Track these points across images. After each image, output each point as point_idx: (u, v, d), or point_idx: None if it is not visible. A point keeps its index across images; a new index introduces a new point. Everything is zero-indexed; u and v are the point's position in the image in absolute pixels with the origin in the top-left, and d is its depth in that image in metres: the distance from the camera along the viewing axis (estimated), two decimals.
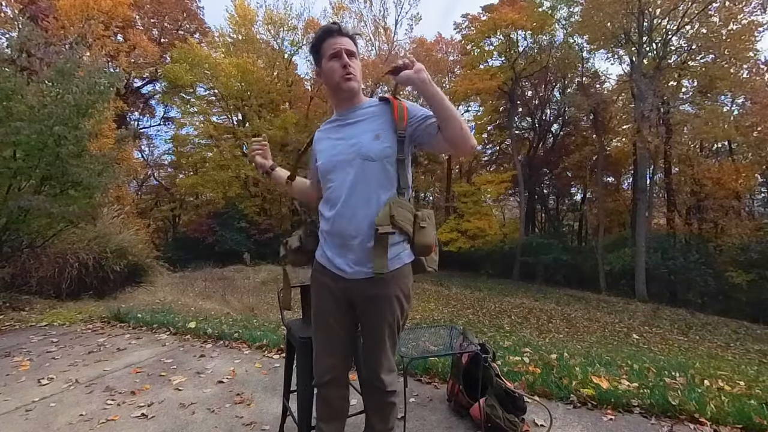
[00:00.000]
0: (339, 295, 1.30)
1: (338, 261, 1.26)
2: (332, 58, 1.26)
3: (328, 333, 1.34)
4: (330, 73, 1.28)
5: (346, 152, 1.26)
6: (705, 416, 1.87)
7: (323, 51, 1.28)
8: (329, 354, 1.35)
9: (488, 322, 11.64)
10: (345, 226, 1.23)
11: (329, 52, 1.26)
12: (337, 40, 1.27)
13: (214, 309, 7.74)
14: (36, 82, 4.83)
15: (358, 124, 1.30)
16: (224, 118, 24.01)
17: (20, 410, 2.19)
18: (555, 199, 25.77)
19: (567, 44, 19.77)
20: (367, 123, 1.29)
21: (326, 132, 1.37)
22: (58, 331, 3.89)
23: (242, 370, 2.74)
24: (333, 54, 1.26)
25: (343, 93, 1.30)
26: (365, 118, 1.30)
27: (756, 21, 14.87)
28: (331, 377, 1.35)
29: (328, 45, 1.27)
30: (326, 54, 1.27)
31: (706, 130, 15.06)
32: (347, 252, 1.24)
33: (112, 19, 17.36)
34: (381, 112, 1.30)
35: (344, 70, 1.26)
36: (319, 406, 1.41)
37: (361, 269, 1.23)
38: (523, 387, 2.20)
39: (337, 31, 1.28)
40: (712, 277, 14.63)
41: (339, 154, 1.28)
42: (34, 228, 5.43)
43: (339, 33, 1.27)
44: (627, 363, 3.04)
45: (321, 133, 1.39)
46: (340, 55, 1.26)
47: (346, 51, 1.26)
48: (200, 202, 24.43)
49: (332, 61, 1.26)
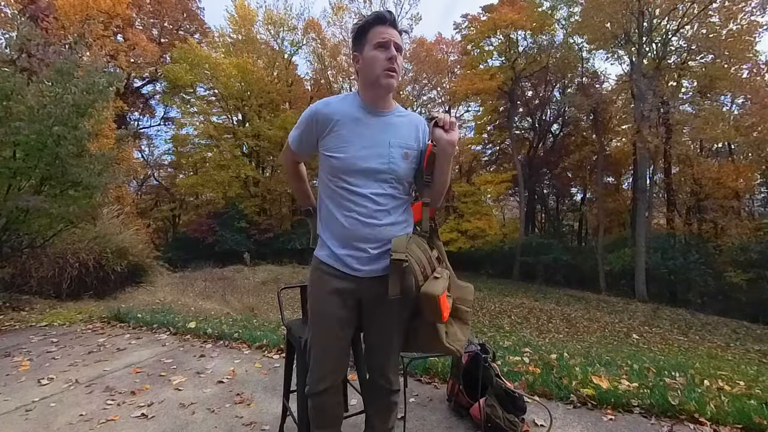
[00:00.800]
0: (347, 296, 1.25)
1: (350, 260, 1.22)
2: (379, 47, 1.18)
3: (330, 337, 1.28)
4: (372, 62, 1.19)
5: (378, 161, 1.20)
6: (705, 416, 1.87)
7: (369, 37, 1.19)
8: (330, 360, 1.30)
9: (488, 322, 11.64)
10: (365, 234, 1.20)
11: (377, 39, 1.17)
12: (388, 30, 1.18)
13: (214, 309, 7.74)
14: (35, 82, 4.83)
15: (389, 128, 1.24)
16: (224, 118, 24.01)
17: (20, 410, 2.19)
18: (555, 199, 25.76)
19: (567, 44, 19.76)
20: (398, 131, 1.24)
21: (353, 117, 1.23)
22: (58, 331, 3.89)
23: (242, 370, 2.74)
24: (381, 43, 1.17)
25: (380, 89, 1.21)
26: (396, 125, 1.25)
27: (756, 21, 14.88)
28: (329, 384, 1.31)
29: (377, 32, 1.18)
30: (373, 41, 1.18)
31: (706, 130, 15.06)
32: (360, 252, 1.21)
33: (112, 19, 17.36)
34: (411, 128, 1.27)
35: (388, 63, 1.18)
36: (316, 414, 1.36)
37: (376, 267, 1.21)
38: (523, 387, 2.20)
39: (390, 21, 1.19)
40: (712, 277, 14.62)
41: (365, 158, 1.19)
42: (34, 228, 5.43)
43: (392, 24, 1.20)
44: (627, 363, 3.04)
45: (344, 113, 1.23)
46: (388, 46, 1.18)
47: (395, 44, 1.19)
48: (200, 202, 24.44)
49: (378, 50, 1.18)
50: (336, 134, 1.21)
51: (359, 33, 1.21)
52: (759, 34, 15.05)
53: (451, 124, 1.16)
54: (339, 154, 1.20)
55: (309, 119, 1.25)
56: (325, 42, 23.72)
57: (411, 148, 1.25)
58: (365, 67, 1.21)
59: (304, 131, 1.28)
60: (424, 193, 1.28)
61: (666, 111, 15.96)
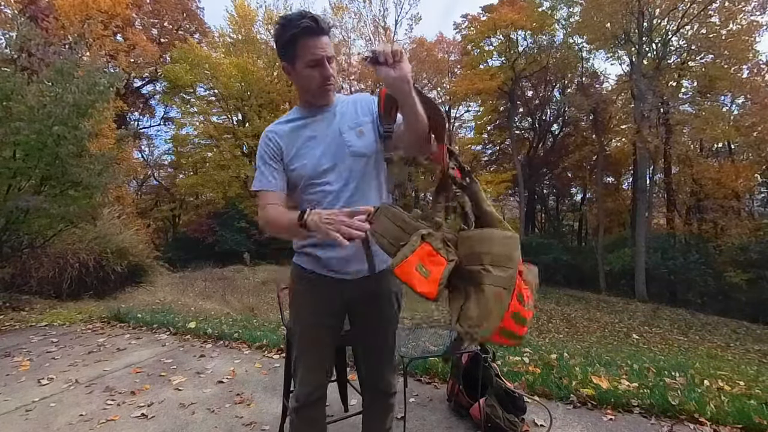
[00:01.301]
0: (337, 301, 1.21)
1: (333, 262, 1.17)
2: (312, 65, 1.08)
3: (319, 346, 1.24)
4: (308, 81, 1.12)
5: (333, 151, 1.15)
6: (705, 416, 1.87)
7: (300, 52, 1.08)
8: (319, 369, 1.25)
9: None
10: None
11: (308, 57, 1.07)
12: (318, 43, 1.06)
13: (214, 309, 7.74)
14: (36, 82, 4.83)
15: (335, 118, 1.19)
16: (224, 118, 24.00)
17: (20, 410, 2.19)
18: (555, 199, 25.77)
19: (567, 44, 19.76)
20: (344, 117, 1.19)
21: (292, 131, 1.19)
22: (58, 331, 3.89)
23: (242, 370, 2.74)
24: (314, 61, 1.08)
25: (320, 99, 1.17)
26: (341, 113, 1.20)
27: (756, 21, 14.89)
28: (319, 395, 1.26)
29: (308, 47, 1.07)
30: (304, 57, 1.08)
31: (706, 130, 15.07)
32: (344, 251, 1.13)
33: (112, 19, 17.36)
34: (355, 107, 1.22)
35: (325, 81, 1.11)
36: (303, 428, 1.29)
37: (362, 267, 1.17)
38: (523, 387, 2.20)
39: (320, 30, 1.06)
40: (712, 277, 14.62)
41: (325, 155, 1.15)
42: (34, 228, 5.44)
43: (321, 32, 1.07)
44: (627, 363, 3.04)
45: (283, 133, 1.19)
46: (322, 63, 1.08)
47: (327, 58, 1.09)
48: (200, 202, 24.41)
49: (312, 69, 1.09)
50: (290, 154, 1.18)
51: (286, 46, 1.09)
52: (759, 34, 15.08)
53: (395, 55, 0.89)
54: (297, 165, 1.16)
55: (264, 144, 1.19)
56: None
57: (363, 123, 1.19)
58: (300, 82, 1.15)
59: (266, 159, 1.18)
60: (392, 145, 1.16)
61: (666, 111, 15.97)
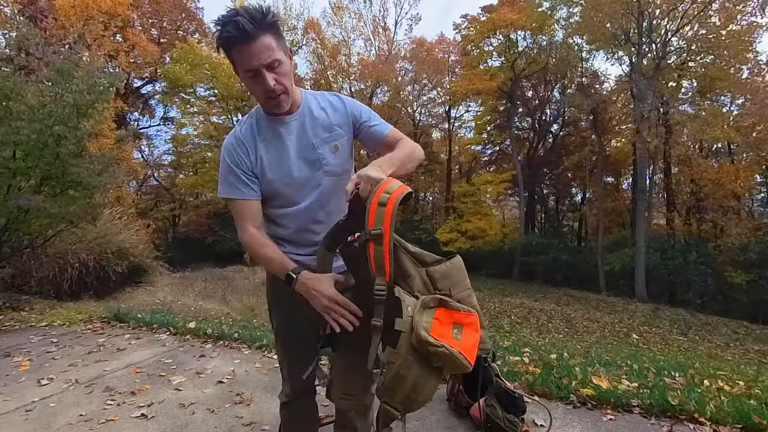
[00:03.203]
0: None
1: (310, 260, 1.10)
2: (250, 75, 0.96)
3: (304, 343, 1.16)
4: (251, 90, 1.02)
5: (306, 167, 1.08)
6: (704, 416, 1.87)
7: (235, 59, 0.96)
8: (301, 363, 1.15)
9: (488, 322, 11.61)
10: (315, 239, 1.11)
11: (244, 66, 0.95)
12: (248, 51, 0.92)
13: (214, 309, 7.74)
14: (35, 82, 4.83)
15: (305, 129, 1.09)
16: (224, 119, 24.02)
17: (20, 410, 2.19)
18: (555, 199, 25.79)
19: (566, 45, 19.78)
20: (316, 124, 1.10)
21: (258, 135, 1.08)
22: (58, 331, 3.89)
23: (242, 370, 2.74)
24: (250, 71, 0.95)
25: (273, 110, 1.06)
26: (313, 118, 1.10)
27: (755, 22, 14.89)
28: (303, 389, 1.24)
29: (240, 56, 0.94)
30: (241, 67, 0.96)
31: (706, 130, 15.08)
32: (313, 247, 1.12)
33: (112, 19, 17.36)
34: (330, 115, 1.12)
35: (268, 93, 0.99)
36: (295, 424, 1.26)
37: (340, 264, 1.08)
38: (523, 387, 2.20)
39: (244, 37, 0.90)
40: (712, 278, 14.64)
41: (296, 170, 1.07)
42: (34, 228, 5.44)
43: (249, 38, 0.91)
44: (627, 363, 3.05)
45: (248, 137, 1.08)
46: (258, 73, 0.95)
47: (265, 66, 0.95)
48: (200, 202, 24.41)
49: (250, 80, 0.98)
50: (255, 162, 1.07)
51: (223, 52, 0.97)
52: (759, 35, 15.08)
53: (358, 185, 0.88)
54: (264, 176, 1.08)
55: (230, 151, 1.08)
56: (324, 42, 23.72)
57: (338, 137, 1.11)
58: (249, 91, 1.05)
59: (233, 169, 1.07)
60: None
61: (666, 111, 15.98)
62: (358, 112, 1.15)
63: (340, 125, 1.12)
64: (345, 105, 1.15)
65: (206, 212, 22.31)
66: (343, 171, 1.14)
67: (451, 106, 24.89)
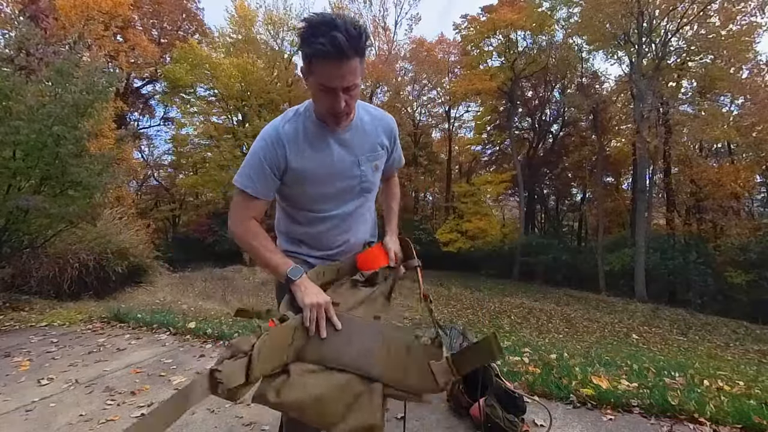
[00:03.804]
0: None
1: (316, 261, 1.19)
2: (324, 90, 0.95)
3: None
4: (317, 100, 1.01)
5: (345, 179, 1.10)
6: (704, 416, 1.87)
7: (314, 70, 0.93)
8: None
9: (488, 322, 11.64)
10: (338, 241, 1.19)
11: (322, 81, 0.93)
12: (335, 70, 0.90)
13: (214, 309, 7.74)
14: (35, 82, 4.83)
15: (353, 143, 1.10)
16: (224, 119, 24.03)
17: (20, 410, 2.19)
18: (555, 199, 25.80)
19: (566, 45, 19.79)
20: (365, 140, 1.11)
21: (304, 139, 1.06)
22: (58, 331, 3.89)
23: None
24: (326, 88, 0.94)
25: (329, 124, 1.06)
26: (362, 133, 1.11)
27: (755, 22, 14.90)
28: None
29: (323, 70, 0.92)
30: (318, 79, 0.94)
31: (706, 130, 15.08)
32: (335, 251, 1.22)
33: (112, 20, 17.38)
34: (377, 135, 1.14)
35: (333, 110, 0.99)
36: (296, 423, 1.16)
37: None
38: (523, 387, 2.20)
39: (337, 55, 0.88)
40: (712, 278, 14.64)
41: (336, 180, 1.09)
42: (34, 228, 5.44)
43: (343, 57, 0.88)
44: (627, 363, 3.05)
45: (292, 138, 1.05)
46: (335, 93, 0.95)
47: (344, 89, 0.94)
48: (200, 202, 24.44)
49: (322, 92, 0.96)
50: (293, 167, 1.05)
51: (303, 55, 0.94)
52: (759, 35, 15.09)
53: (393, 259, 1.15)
54: (300, 180, 1.08)
55: (269, 147, 1.05)
56: None
57: (380, 156, 1.15)
58: (312, 96, 1.02)
59: (264, 165, 1.05)
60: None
61: (665, 111, 15.99)
62: (396, 134, 1.21)
63: (383, 146, 1.16)
64: (392, 127, 1.18)
65: (206, 212, 22.32)
66: (376, 188, 1.20)
67: (451, 106, 24.90)
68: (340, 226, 1.17)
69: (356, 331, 0.98)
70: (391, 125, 1.19)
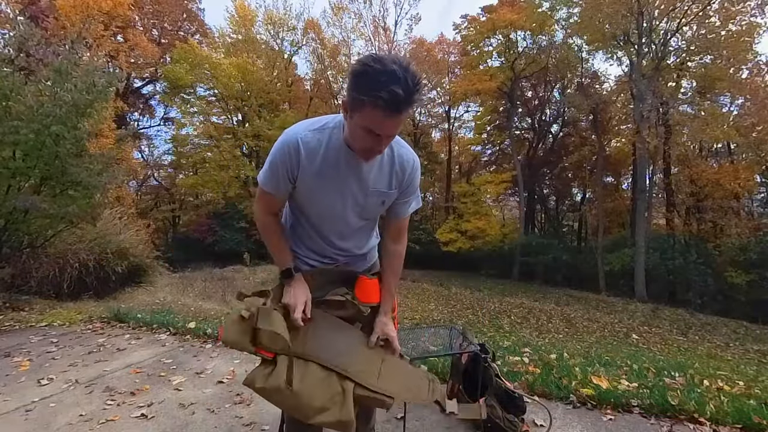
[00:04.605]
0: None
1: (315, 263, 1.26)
2: (367, 132, 0.94)
3: None
4: (354, 136, 0.99)
5: (350, 205, 1.13)
6: (704, 416, 1.88)
7: (364, 114, 0.91)
8: None
9: (488, 322, 11.64)
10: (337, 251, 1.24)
11: (368, 125, 0.92)
12: (386, 122, 0.91)
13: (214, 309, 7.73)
14: (34, 82, 4.83)
15: (369, 176, 1.10)
16: (224, 119, 24.03)
17: (20, 410, 2.19)
18: (555, 199, 25.80)
19: (566, 45, 19.79)
20: (380, 174, 1.12)
21: (325, 156, 1.05)
22: (58, 331, 3.88)
23: (242, 370, 2.74)
24: (371, 132, 0.94)
25: (357, 155, 1.05)
26: (379, 166, 1.11)
27: (755, 23, 14.90)
28: None
29: (371, 117, 0.90)
30: (363, 121, 0.93)
31: (706, 130, 15.08)
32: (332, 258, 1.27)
33: (113, 20, 17.39)
34: (392, 176, 1.13)
35: (368, 152, 1.01)
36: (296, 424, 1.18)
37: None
38: (523, 387, 2.20)
39: (393, 109, 0.88)
40: (712, 278, 14.64)
41: (341, 203, 1.12)
42: (33, 228, 5.43)
43: (397, 112, 0.89)
44: (626, 363, 3.05)
45: (312, 150, 1.05)
46: (378, 139, 0.96)
47: (388, 136, 0.97)
48: (200, 202, 24.45)
49: (365, 132, 0.95)
50: (303, 178, 1.07)
51: (353, 99, 0.92)
52: (759, 35, 15.09)
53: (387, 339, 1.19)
54: (307, 194, 1.12)
55: (285, 152, 1.05)
56: (324, 42, 23.74)
57: (389, 195, 1.16)
58: (349, 129, 1.00)
59: (279, 168, 1.07)
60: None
61: (665, 111, 15.98)
62: (415, 176, 1.19)
63: (397, 188, 1.16)
64: (414, 176, 1.17)
65: (206, 212, 22.33)
66: (374, 218, 1.23)
67: (451, 106, 24.91)
68: (338, 241, 1.22)
69: (341, 333, 1.13)
70: (413, 174, 1.17)
